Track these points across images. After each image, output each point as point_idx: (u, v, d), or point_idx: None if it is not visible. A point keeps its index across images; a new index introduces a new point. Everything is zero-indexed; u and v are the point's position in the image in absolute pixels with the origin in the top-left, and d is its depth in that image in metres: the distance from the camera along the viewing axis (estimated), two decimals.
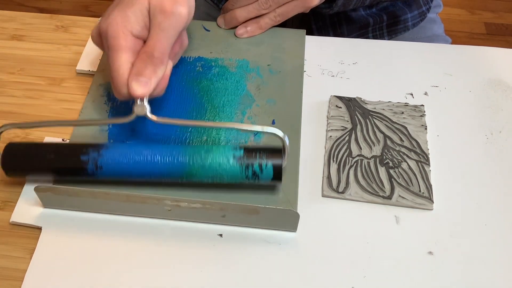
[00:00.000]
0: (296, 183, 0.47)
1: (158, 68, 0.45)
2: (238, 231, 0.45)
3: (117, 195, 0.44)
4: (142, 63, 0.44)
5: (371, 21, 0.69)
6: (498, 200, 0.47)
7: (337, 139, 0.51)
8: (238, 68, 0.56)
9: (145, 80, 0.44)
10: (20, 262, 0.44)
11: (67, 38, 0.60)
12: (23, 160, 0.45)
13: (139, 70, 0.44)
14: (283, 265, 0.43)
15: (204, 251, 0.44)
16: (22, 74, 0.57)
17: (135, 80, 0.44)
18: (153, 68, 0.44)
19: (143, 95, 0.44)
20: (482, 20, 1.73)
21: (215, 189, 0.47)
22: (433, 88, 0.56)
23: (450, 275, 0.43)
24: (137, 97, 0.44)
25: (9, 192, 0.48)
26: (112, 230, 0.45)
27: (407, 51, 0.59)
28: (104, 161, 0.44)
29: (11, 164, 0.45)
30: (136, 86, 0.43)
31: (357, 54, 0.59)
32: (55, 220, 0.46)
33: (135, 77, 0.44)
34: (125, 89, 0.44)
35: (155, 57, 0.45)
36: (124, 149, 0.45)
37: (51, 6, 1.70)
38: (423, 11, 0.73)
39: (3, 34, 0.60)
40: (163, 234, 0.45)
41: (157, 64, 0.45)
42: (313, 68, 0.57)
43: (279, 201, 0.46)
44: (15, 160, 0.45)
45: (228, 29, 0.60)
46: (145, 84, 0.44)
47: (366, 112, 0.53)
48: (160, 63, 0.45)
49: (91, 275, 0.43)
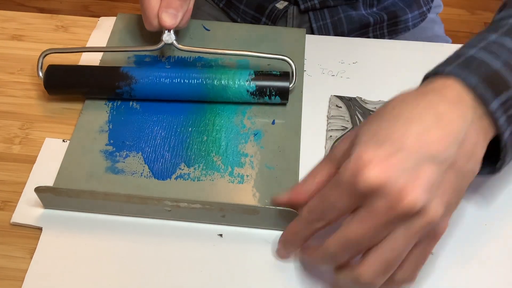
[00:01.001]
0: (296, 183, 0.47)
1: (185, 2, 0.51)
2: (238, 231, 0.45)
3: (117, 196, 0.44)
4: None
5: (372, 21, 0.69)
6: (498, 199, 0.47)
7: (337, 139, 0.51)
8: (238, 67, 0.56)
9: (173, 12, 0.50)
10: (21, 262, 0.44)
11: (67, 38, 0.60)
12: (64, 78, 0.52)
13: (168, 3, 0.50)
14: (283, 265, 0.43)
15: (204, 251, 0.44)
16: (22, 74, 0.57)
17: (165, 12, 0.50)
18: (180, 2, 0.50)
19: (172, 26, 0.50)
20: (482, 20, 1.73)
21: (215, 189, 0.47)
22: None
23: (450, 274, 0.43)
24: (166, 28, 0.50)
25: (9, 192, 0.48)
26: (112, 231, 0.45)
27: (407, 50, 0.59)
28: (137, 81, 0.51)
29: (52, 83, 0.52)
30: (166, 18, 0.50)
31: (358, 54, 0.59)
32: (55, 220, 0.46)
33: (165, 9, 0.50)
34: (156, 21, 0.51)
35: None
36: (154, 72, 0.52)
37: (51, 6, 1.70)
38: (423, 11, 0.73)
39: (3, 34, 0.60)
40: (163, 234, 0.45)
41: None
42: (313, 68, 0.57)
43: None
44: (57, 78, 0.52)
45: (228, 32, 0.60)
46: (173, 16, 0.50)
47: (366, 112, 0.53)
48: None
49: (91, 275, 0.43)
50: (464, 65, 0.39)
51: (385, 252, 0.36)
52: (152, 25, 0.51)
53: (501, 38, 0.41)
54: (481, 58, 0.39)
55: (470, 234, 0.45)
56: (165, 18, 0.50)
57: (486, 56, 0.39)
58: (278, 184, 0.47)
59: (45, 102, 0.54)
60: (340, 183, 0.36)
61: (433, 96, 0.38)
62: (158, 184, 0.47)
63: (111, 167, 0.48)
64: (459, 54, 0.41)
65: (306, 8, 0.68)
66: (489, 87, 0.38)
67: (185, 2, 0.51)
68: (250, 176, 0.48)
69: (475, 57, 0.40)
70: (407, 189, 0.34)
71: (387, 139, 0.36)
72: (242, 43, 0.58)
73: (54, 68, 0.52)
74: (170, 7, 0.50)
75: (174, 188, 0.47)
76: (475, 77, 0.38)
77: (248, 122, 0.52)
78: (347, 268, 0.38)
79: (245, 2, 0.71)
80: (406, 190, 0.34)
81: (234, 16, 0.73)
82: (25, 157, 0.50)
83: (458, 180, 0.37)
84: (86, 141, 0.50)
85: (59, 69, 0.52)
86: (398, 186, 0.34)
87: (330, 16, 0.68)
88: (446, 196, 0.36)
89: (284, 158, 0.49)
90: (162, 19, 0.50)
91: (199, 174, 0.48)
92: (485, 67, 0.39)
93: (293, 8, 0.69)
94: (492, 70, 0.39)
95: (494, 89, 0.38)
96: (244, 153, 0.49)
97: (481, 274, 0.43)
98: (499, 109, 0.38)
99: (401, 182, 0.34)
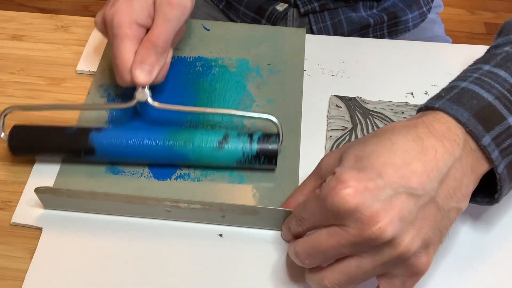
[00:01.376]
0: (296, 183, 0.47)
1: (161, 57, 0.47)
2: (238, 231, 0.45)
3: (117, 196, 0.44)
4: (146, 51, 0.46)
5: (372, 22, 0.68)
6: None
7: (337, 139, 0.51)
8: (238, 67, 0.56)
9: (148, 68, 0.46)
10: (21, 262, 0.44)
11: (67, 38, 0.60)
12: (30, 140, 0.47)
13: (143, 58, 0.46)
14: (283, 265, 0.43)
15: (204, 251, 0.44)
16: (22, 74, 0.57)
17: (139, 67, 0.46)
18: (157, 57, 0.46)
19: (146, 82, 0.46)
20: (482, 20, 1.73)
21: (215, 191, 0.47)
22: (433, 88, 0.56)
23: (451, 274, 0.43)
24: (140, 85, 0.46)
25: (9, 193, 0.48)
26: (112, 231, 0.45)
27: (407, 50, 0.59)
28: (102, 141, 0.46)
29: (18, 144, 0.47)
30: (140, 74, 0.45)
31: (358, 54, 0.59)
32: (55, 221, 0.46)
33: (139, 64, 0.46)
34: (129, 76, 0.46)
35: (159, 46, 0.46)
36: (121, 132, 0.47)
37: (51, 6, 1.70)
38: (423, 11, 0.73)
39: (3, 34, 0.60)
40: (163, 234, 0.45)
41: (161, 53, 0.47)
42: (313, 68, 0.57)
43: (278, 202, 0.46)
44: (22, 140, 0.47)
45: (227, 32, 0.60)
46: (148, 72, 0.46)
47: (366, 112, 0.53)
48: (163, 52, 0.47)
49: (91, 276, 0.43)
50: (456, 99, 0.39)
51: (350, 267, 0.36)
52: (125, 81, 0.47)
53: (494, 69, 0.40)
54: (472, 91, 0.39)
55: (470, 234, 0.45)
56: (139, 74, 0.45)
57: (478, 89, 0.39)
58: (278, 184, 0.47)
59: (45, 102, 0.54)
60: (319, 197, 0.37)
61: (422, 129, 0.37)
62: (158, 184, 0.47)
63: (111, 168, 0.48)
64: (452, 87, 0.40)
65: (306, 11, 0.68)
66: (480, 122, 0.37)
67: (161, 56, 0.47)
68: (250, 177, 0.48)
69: (466, 89, 0.39)
70: (378, 216, 0.34)
71: (369, 165, 0.36)
72: (242, 43, 0.58)
73: (19, 129, 0.48)
74: (145, 63, 0.46)
75: (174, 189, 0.47)
76: (466, 112, 0.38)
77: (249, 122, 0.52)
78: (316, 269, 0.39)
79: (245, 4, 0.70)
80: (377, 217, 0.34)
81: (234, 17, 0.73)
82: (25, 157, 0.50)
83: (439, 216, 0.36)
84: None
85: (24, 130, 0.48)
86: (370, 212, 0.34)
87: (330, 18, 0.68)
88: (424, 230, 0.35)
89: (284, 158, 0.49)
90: (135, 75, 0.45)
91: (199, 174, 0.48)
92: (477, 101, 0.38)
93: (293, 10, 0.69)
94: (484, 103, 0.38)
95: (486, 123, 0.37)
96: None
97: (481, 274, 0.43)
98: (491, 144, 0.37)
99: (374, 209, 0.34)
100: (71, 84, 0.56)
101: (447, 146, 0.37)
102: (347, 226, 0.35)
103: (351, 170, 0.36)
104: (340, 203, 0.35)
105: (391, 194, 0.35)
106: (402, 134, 0.37)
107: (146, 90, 0.46)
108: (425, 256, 0.36)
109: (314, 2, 0.67)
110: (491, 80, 0.39)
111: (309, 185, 0.43)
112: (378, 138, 0.38)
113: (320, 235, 0.37)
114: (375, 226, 0.34)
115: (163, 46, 0.46)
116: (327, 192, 0.36)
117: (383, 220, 0.34)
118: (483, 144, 0.37)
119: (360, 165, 0.36)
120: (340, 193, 0.35)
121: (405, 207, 0.35)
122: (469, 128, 0.37)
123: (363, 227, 0.34)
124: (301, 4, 0.67)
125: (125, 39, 0.46)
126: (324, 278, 0.38)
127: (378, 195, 0.35)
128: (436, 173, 0.36)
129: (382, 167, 0.35)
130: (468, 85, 0.40)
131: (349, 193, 0.34)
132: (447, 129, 0.37)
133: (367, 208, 0.34)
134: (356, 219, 0.34)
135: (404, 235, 0.35)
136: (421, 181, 0.35)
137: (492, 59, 0.42)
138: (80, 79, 0.56)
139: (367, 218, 0.34)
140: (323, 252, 0.37)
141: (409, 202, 0.35)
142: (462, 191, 0.37)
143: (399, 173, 0.35)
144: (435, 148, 0.36)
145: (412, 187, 0.35)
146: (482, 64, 0.42)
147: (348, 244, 0.35)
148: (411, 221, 0.35)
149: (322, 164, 0.42)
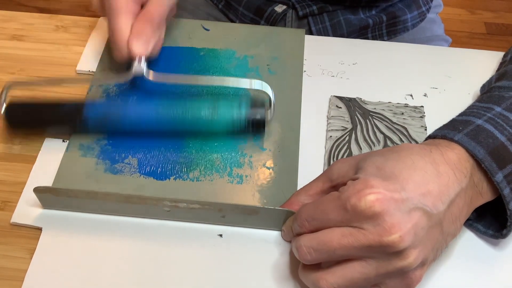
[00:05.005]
0: (296, 183, 0.47)
1: (157, 30, 0.49)
2: (238, 231, 0.45)
3: (117, 196, 0.44)
4: (142, 24, 0.48)
5: (371, 23, 0.69)
6: None
7: (337, 139, 0.51)
8: (237, 68, 0.56)
9: (145, 39, 0.47)
10: (20, 262, 0.44)
11: (67, 38, 0.60)
12: (27, 112, 0.49)
13: (139, 30, 0.48)
14: (283, 265, 0.43)
15: (204, 251, 0.44)
16: (22, 74, 0.57)
17: (136, 39, 0.47)
18: (152, 30, 0.48)
19: (143, 53, 0.47)
20: (482, 20, 1.73)
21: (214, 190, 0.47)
22: (432, 90, 0.56)
23: (451, 274, 0.43)
24: (136, 55, 0.47)
25: (9, 192, 0.48)
26: (112, 231, 0.45)
27: (407, 52, 0.59)
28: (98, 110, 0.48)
29: (14, 115, 0.48)
30: (136, 44, 0.47)
31: (357, 55, 0.59)
32: (55, 220, 0.46)
33: (136, 35, 0.47)
34: (125, 49, 0.48)
35: (155, 20, 0.48)
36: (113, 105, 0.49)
37: (51, 6, 1.70)
38: (422, 11, 0.73)
39: (3, 34, 0.60)
40: (163, 234, 0.45)
41: (156, 27, 0.49)
42: (313, 68, 0.57)
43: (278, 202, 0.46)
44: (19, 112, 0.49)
45: (227, 32, 0.60)
46: (145, 42, 0.47)
47: (366, 113, 0.53)
48: (159, 26, 0.49)
49: (91, 276, 0.43)
50: (473, 135, 0.41)
51: (353, 271, 0.37)
52: (122, 54, 0.48)
53: (505, 112, 0.43)
54: (488, 130, 0.41)
55: (470, 233, 0.45)
56: (136, 44, 0.47)
57: (492, 129, 0.41)
58: (278, 185, 0.48)
59: None
60: (340, 198, 0.37)
61: (437, 156, 0.39)
62: (157, 184, 0.47)
63: (110, 167, 0.48)
64: (467, 122, 0.42)
65: (305, 14, 0.68)
66: (494, 160, 0.39)
67: (157, 29, 0.49)
68: (249, 176, 0.48)
69: (482, 128, 0.41)
70: (400, 226, 0.35)
71: (392, 177, 0.37)
72: (241, 43, 0.58)
73: (16, 103, 0.49)
74: (142, 34, 0.48)
75: (173, 189, 0.47)
76: (483, 149, 0.40)
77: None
78: (313, 268, 0.39)
79: (244, 5, 0.71)
80: (398, 226, 0.35)
81: (233, 18, 0.73)
82: (25, 157, 0.50)
83: (440, 238, 0.38)
84: (86, 141, 0.50)
85: (20, 106, 0.49)
86: (393, 220, 0.35)
87: (329, 20, 0.68)
88: (426, 250, 0.37)
89: (284, 158, 0.49)
90: (132, 46, 0.47)
91: (198, 174, 0.48)
92: (492, 140, 0.40)
93: (291, 12, 0.69)
94: (498, 143, 0.40)
95: (499, 161, 0.40)
96: (243, 153, 0.50)
97: (481, 274, 0.43)
98: (503, 181, 0.39)
99: (396, 218, 0.35)
100: (71, 84, 0.56)
101: (457, 176, 0.39)
102: (366, 230, 0.36)
103: (376, 178, 0.37)
104: (366, 206, 0.35)
105: (411, 208, 0.36)
106: (420, 156, 0.39)
107: (142, 64, 0.47)
108: (420, 272, 0.37)
109: (312, 6, 0.67)
110: (504, 122, 0.42)
111: (316, 187, 0.44)
112: (397, 154, 0.39)
113: (332, 233, 0.37)
114: (396, 234, 0.35)
115: (158, 21, 0.49)
116: (352, 194, 0.36)
117: (403, 230, 0.35)
118: (496, 181, 0.39)
119: (383, 175, 0.37)
120: (367, 196, 0.36)
121: (420, 223, 0.36)
122: (485, 164, 0.39)
123: (383, 233, 0.35)
124: (299, 7, 0.67)
125: (122, 13, 0.48)
126: (321, 279, 0.38)
127: (401, 206, 0.36)
128: (447, 198, 0.38)
129: (404, 181, 0.37)
130: (483, 124, 0.42)
131: (377, 198, 0.35)
132: (458, 160, 0.39)
133: (391, 216, 0.35)
134: (378, 223, 0.35)
135: (414, 249, 0.36)
136: (435, 202, 0.37)
137: (502, 101, 0.44)
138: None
139: (388, 226, 0.35)
140: (331, 250, 0.37)
141: (423, 219, 0.36)
142: (461, 220, 0.40)
143: (419, 190, 0.37)
144: (448, 175, 0.38)
145: (428, 206, 0.37)
146: (494, 105, 0.44)
147: (361, 246, 0.36)
148: (421, 238, 0.36)
149: (334, 168, 0.42)
